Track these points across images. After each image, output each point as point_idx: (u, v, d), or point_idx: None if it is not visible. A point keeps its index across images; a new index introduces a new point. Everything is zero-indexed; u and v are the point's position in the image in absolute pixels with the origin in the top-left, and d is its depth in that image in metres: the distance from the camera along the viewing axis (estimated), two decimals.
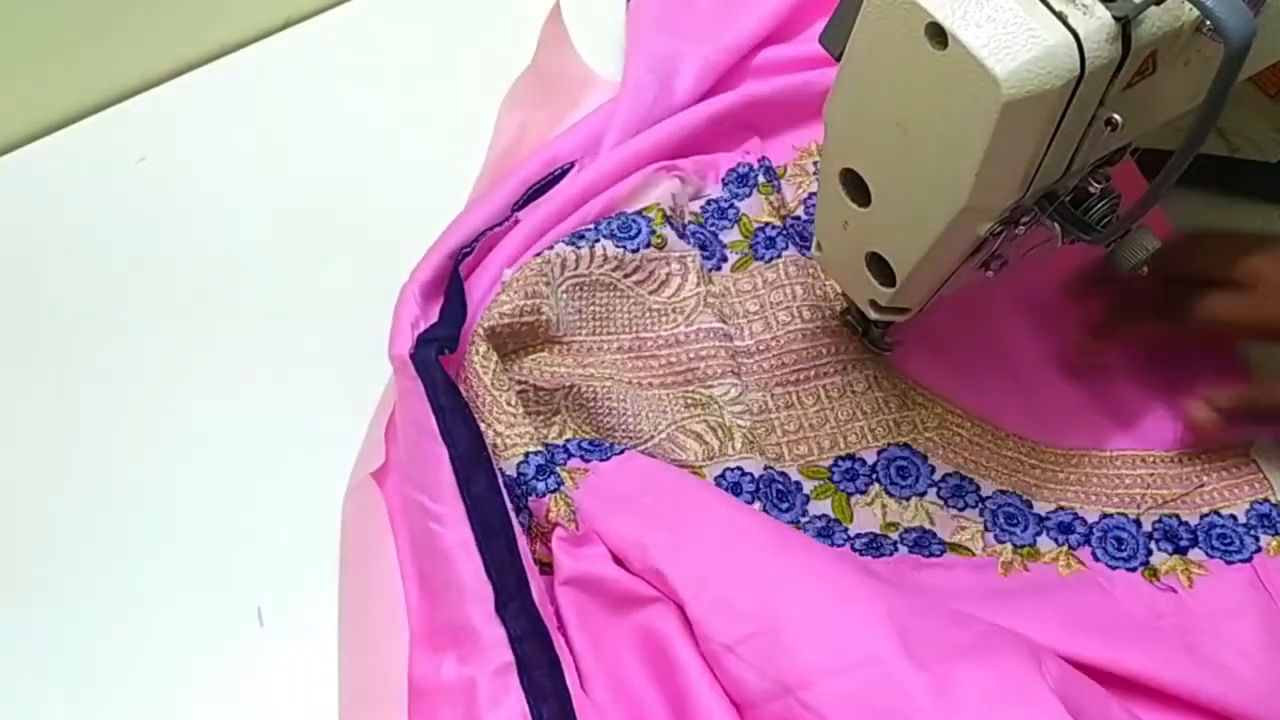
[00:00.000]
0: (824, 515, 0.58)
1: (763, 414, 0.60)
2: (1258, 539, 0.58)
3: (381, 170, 0.69)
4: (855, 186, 0.49)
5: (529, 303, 0.58)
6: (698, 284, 0.62)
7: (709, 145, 0.68)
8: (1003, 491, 0.59)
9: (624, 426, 0.58)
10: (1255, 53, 0.39)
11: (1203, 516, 0.59)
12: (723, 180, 0.67)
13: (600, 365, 0.60)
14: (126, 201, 0.62)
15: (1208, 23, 0.40)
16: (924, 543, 0.57)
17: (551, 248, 0.60)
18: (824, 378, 0.61)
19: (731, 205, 0.66)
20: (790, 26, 0.73)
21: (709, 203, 0.66)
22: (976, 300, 0.62)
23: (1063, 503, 0.59)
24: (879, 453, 0.60)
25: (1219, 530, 0.58)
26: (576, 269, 0.60)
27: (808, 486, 0.59)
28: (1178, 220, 0.64)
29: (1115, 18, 0.40)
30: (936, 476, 0.59)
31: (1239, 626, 0.54)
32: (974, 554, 0.57)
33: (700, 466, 0.57)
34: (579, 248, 0.61)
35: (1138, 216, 0.47)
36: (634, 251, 0.61)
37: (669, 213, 0.63)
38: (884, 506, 0.58)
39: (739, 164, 0.67)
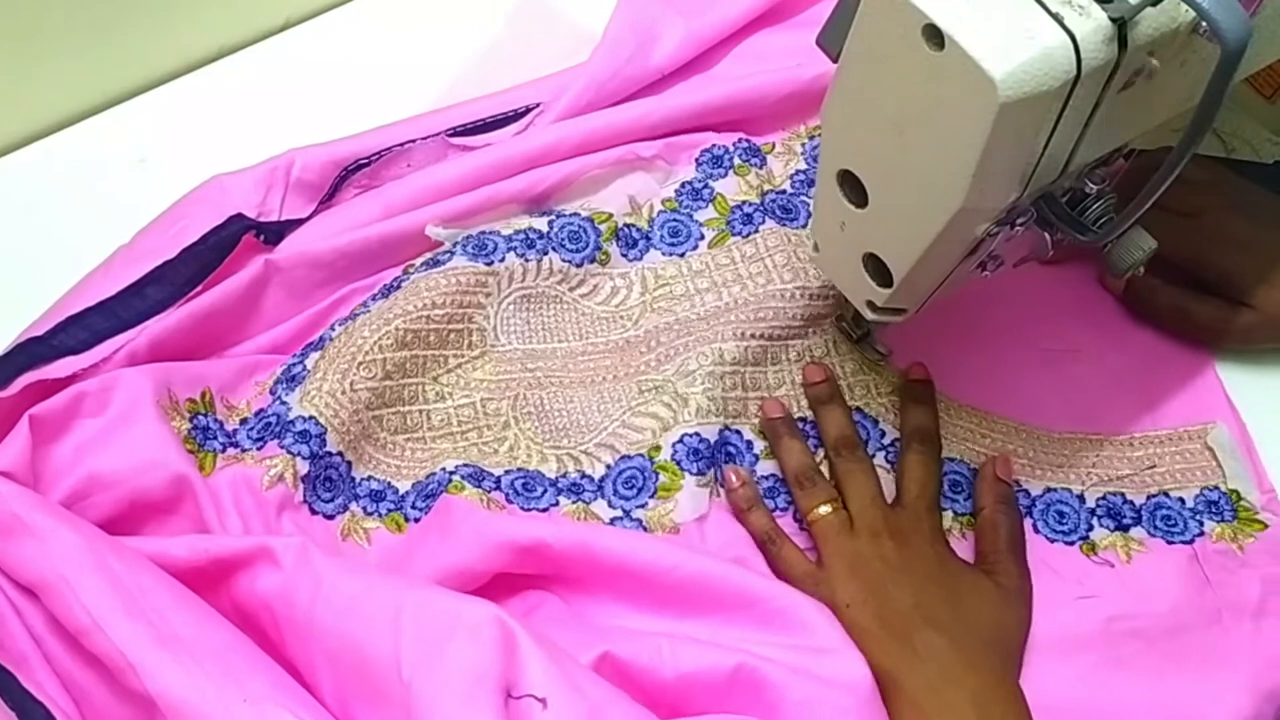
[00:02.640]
0: (771, 475, 0.59)
1: (734, 365, 0.60)
2: (1202, 524, 0.59)
3: None
4: (852, 187, 0.50)
5: (459, 311, 0.60)
6: (642, 294, 0.63)
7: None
8: (950, 459, 0.60)
9: (575, 425, 0.59)
10: (1251, 54, 0.40)
11: (1150, 497, 0.60)
12: (696, 161, 0.67)
13: (548, 369, 0.61)
14: (126, 202, 0.62)
15: (1204, 24, 0.40)
16: None
17: (502, 259, 0.61)
18: (791, 339, 0.62)
19: (706, 185, 0.67)
20: (783, 9, 0.73)
21: (683, 185, 0.67)
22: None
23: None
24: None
25: (1164, 511, 0.59)
26: (524, 281, 0.62)
27: (758, 446, 0.60)
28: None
29: (1112, 19, 0.40)
30: (885, 441, 0.60)
31: (1161, 610, 0.56)
32: None
33: (657, 443, 0.58)
34: (527, 260, 0.61)
35: (1134, 217, 0.47)
36: (578, 266, 0.63)
37: (620, 225, 0.64)
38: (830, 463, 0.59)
39: (713, 144, 0.68)
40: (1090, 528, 0.59)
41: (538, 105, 0.66)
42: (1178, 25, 0.42)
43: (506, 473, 0.57)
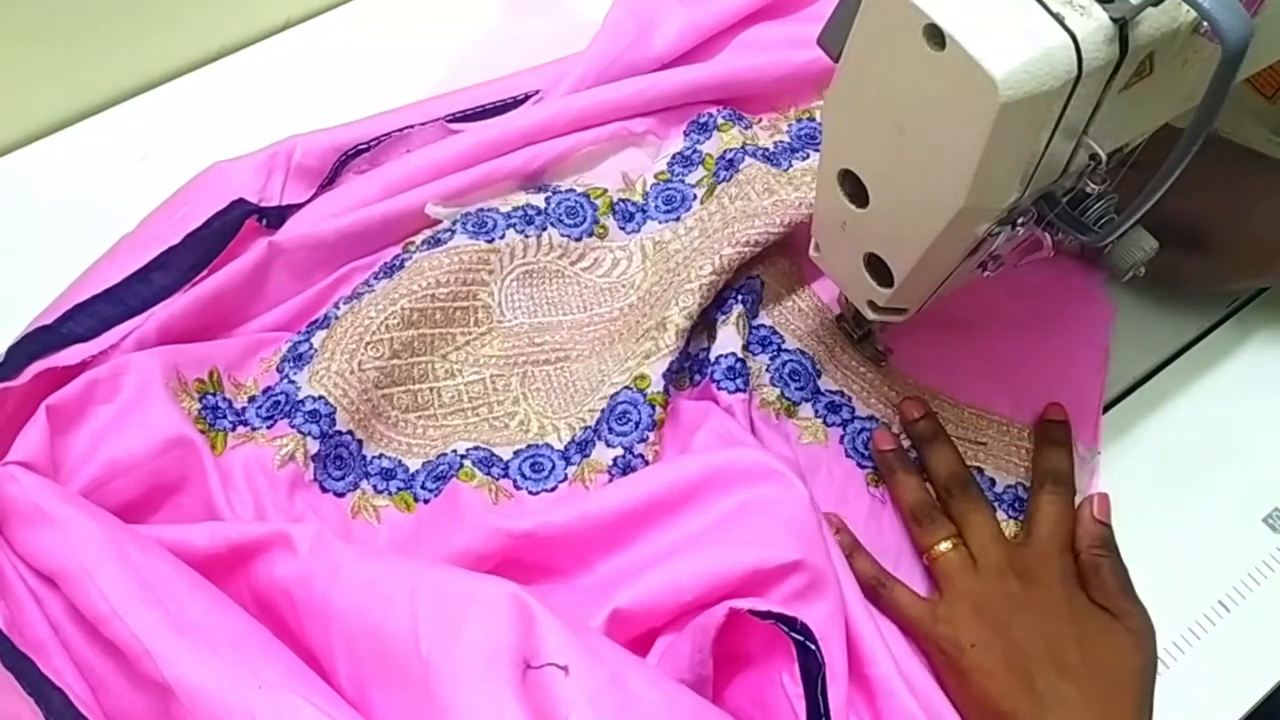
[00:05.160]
0: (699, 349, 0.60)
1: (712, 277, 0.60)
2: (994, 510, 0.59)
3: None
4: (853, 187, 0.49)
5: (463, 289, 0.60)
6: (642, 262, 0.64)
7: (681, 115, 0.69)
8: (799, 348, 0.63)
9: (581, 391, 0.60)
10: (1252, 54, 0.40)
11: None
12: (685, 132, 0.68)
13: (555, 342, 0.62)
14: (128, 200, 0.62)
15: (1205, 24, 0.40)
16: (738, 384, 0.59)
17: (503, 236, 0.62)
18: (769, 243, 0.63)
19: (694, 151, 0.68)
20: (785, 4, 0.73)
21: (674, 157, 0.68)
22: None
23: (878, 414, 0.62)
24: (747, 278, 0.63)
25: None
26: (525, 257, 0.62)
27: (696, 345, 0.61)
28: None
29: (1113, 19, 0.40)
30: (787, 352, 0.62)
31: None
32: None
33: (643, 371, 0.59)
34: (527, 236, 0.62)
35: (1135, 217, 0.47)
36: (577, 240, 0.64)
37: (615, 200, 0.65)
38: (741, 327, 0.60)
39: (700, 114, 0.69)
40: None
41: (537, 92, 0.67)
42: (1179, 25, 0.42)
43: (516, 454, 0.58)
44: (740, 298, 0.61)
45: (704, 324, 0.61)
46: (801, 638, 0.48)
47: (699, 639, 0.49)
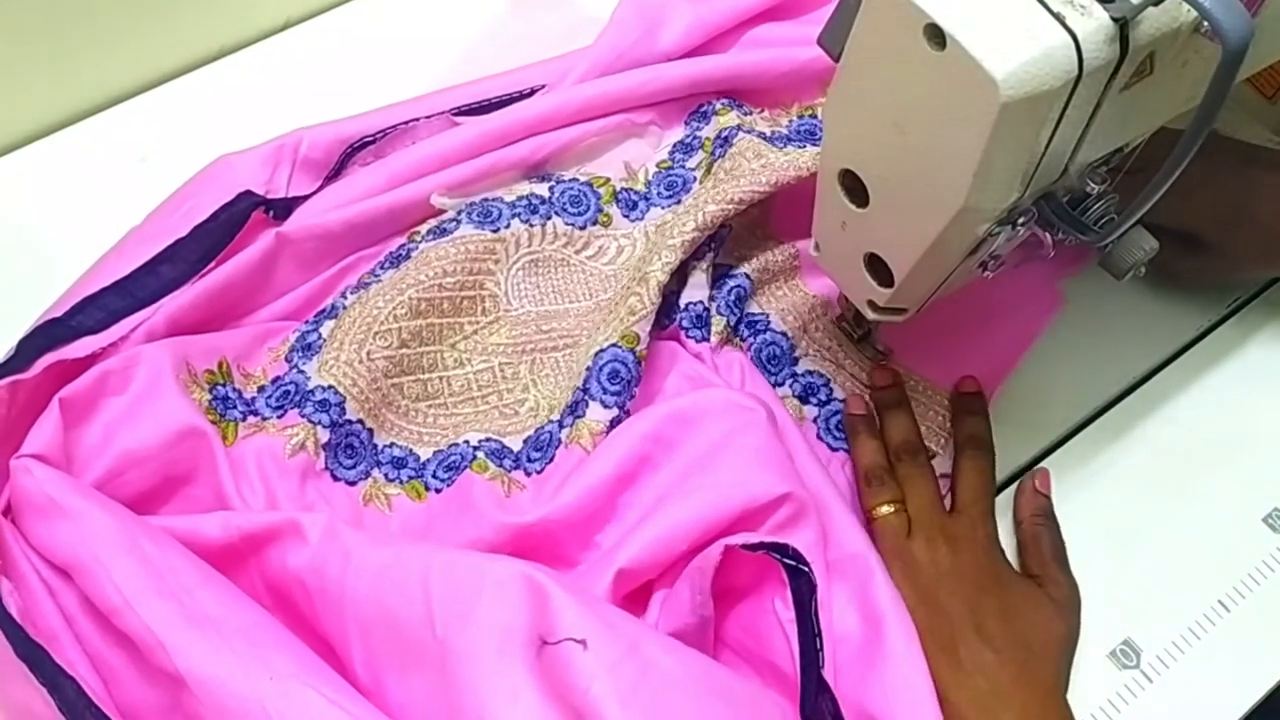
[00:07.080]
0: (669, 290, 0.61)
1: (694, 233, 0.61)
2: None
3: None
4: (853, 187, 0.49)
5: (470, 279, 0.61)
6: (645, 246, 0.65)
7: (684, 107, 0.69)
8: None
9: (580, 363, 0.60)
10: (1253, 54, 0.39)
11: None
12: (685, 121, 0.69)
13: (562, 329, 0.62)
14: (128, 200, 0.62)
15: (1205, 24, 0.40)
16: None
17: (508, 226, 0.62)
18: (753, 202, 0.63)
19: (694, 137, 0.68)
20: (793, 6, 0.73)
21: (676, 145, 0.68)
22: None
23: (789, 332, 0.63)
24: (721, 225, 0.63)
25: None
26: (530, 246, 0.63)
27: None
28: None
29: (1113, 19, 0.40)
30: (732, 277, 0.63)
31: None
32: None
33: (632, 331, 0.59)
34: (532, 225, 0.63)
35: (1135, 217, 0.47)
36: (581, 229, 0.64)
37: (619, 189, 0.66)
38: (709, 274, 0.61)
39: (700, 104, 0.69)
40: (782, 381, 0.62)
41: (543, 86, 0.67)
42: (1179, 25, 0.41)
43: (525, 442, 0.59)
44: (712, 245, 0.62)
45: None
46: (794, 562, 0.49)
47: (698, 581, 0.49)
